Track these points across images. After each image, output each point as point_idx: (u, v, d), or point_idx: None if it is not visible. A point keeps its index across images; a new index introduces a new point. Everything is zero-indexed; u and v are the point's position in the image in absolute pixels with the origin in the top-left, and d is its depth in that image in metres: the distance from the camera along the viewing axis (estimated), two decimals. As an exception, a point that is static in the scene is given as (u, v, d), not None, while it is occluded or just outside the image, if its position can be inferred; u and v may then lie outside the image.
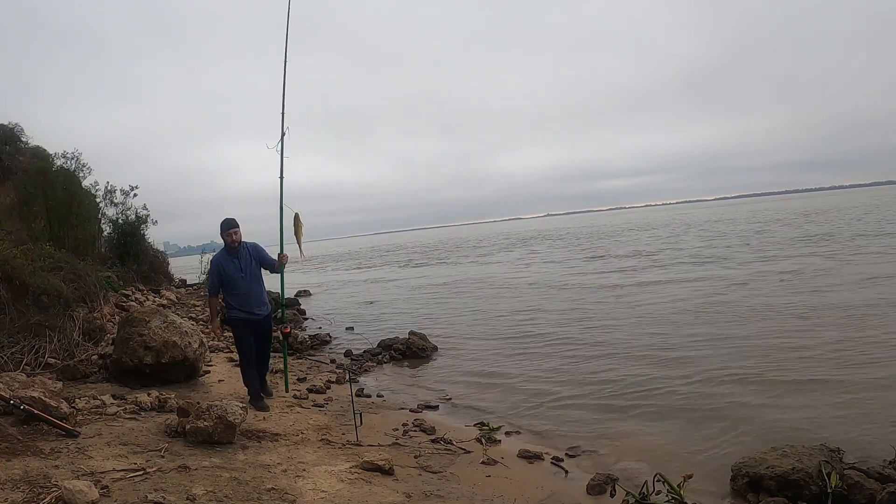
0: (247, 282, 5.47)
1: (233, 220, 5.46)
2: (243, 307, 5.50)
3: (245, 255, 5.49)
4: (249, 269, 5.50)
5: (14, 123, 17.38)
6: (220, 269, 5.46)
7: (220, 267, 5.47)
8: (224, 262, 5.47)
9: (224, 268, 5.45)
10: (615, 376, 6.92)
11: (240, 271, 5.44)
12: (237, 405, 4.38)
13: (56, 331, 6.32)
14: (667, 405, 5.79)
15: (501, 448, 4.95)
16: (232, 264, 5.44)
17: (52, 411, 4.04)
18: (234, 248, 5.43)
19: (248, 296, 5.50)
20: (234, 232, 5.43)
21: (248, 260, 5.50)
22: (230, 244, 5.43)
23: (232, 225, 5.44)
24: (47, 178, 12.93)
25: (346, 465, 4.04)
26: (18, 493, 2.97)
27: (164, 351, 5.83)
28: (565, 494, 3.99)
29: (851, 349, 7.01)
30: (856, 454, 4.21)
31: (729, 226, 39.87)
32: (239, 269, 5.44)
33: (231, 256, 5.46)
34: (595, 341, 8.90)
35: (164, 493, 3.13)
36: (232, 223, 5.44)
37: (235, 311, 5.52)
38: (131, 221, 16.70)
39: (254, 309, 5.55)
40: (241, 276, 5.43)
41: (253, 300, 5.53)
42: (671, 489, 3.66)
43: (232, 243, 5.42)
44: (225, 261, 5.47)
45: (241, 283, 5.44)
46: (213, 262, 5.64)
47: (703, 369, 6.82)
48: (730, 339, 8.17)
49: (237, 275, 5.43)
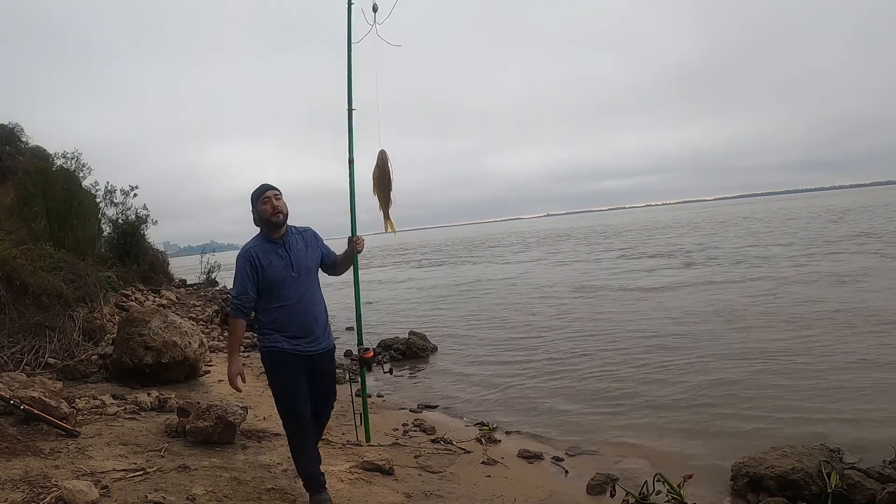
0: (300, 287, 3.18)
1: (267, 184, 3.25)
2: (290, 331, 3.16)
3: (298, 245, 3.24)
4: (304, 267, 3.22)
5: (14, 123, 17.41)
6: (254, 266, 3.13)
7: (253, 261, 3.14)
8: (261, 253, 3.16)
9: (260, 262, 3.13)
10: (615, 376, 6.92)
11: (289, 268, 3.16)
12: (237, 405, 4.38)
13: (56, 331, 6.33)
14: (667, 405, 5.79)
15: (501, 448, 4.95)
16: (275, 257, 3.16)
17: (52, 411, 4.04)
18: (277, 226, 3.16)
19: (302, 313, 3.17)
20: (275, 196, 3.17)
21: (303, 252, 3.24)
22: (270, 220, 3.15)
23: (268, 187, 3.22)
24: (47, 178, 12.94)
25: (346, 465, 4.04)
26: (18, 493, 2.97)
27: (164, 351, 5.83)
28: (565, 494, 3.99)
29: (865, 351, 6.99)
30: (856, 454, 4.21)
31: (762, 224, 38.92)
32: (288, 266, 3.16)
33: (272, 245, 3.18)
34: (596, 341, 8.91)
35: (164, 493, 3.13)
36: (267, 185, 3.23)
37: (275, 337, 3.17)
38: (131, 221, 16.73)
39: (308, 336, 3.18)
40: (290, 277, 3.16)
41: (308, 320, 3.19)
42: (671, 489, 3.66)
43: (273, 217, 3.14)
44: (262, 251, 3.16)
45: (291, 288, 3.16)
46: (240, 256, 3.21)
47: (703, 369, 6.82)
48: (731, 339, 8.17)
49: (283, 274, 3.15)
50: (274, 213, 3.16)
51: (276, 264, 3.16)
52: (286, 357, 3.16)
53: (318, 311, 3.25)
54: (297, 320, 3.17)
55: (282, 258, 3.17)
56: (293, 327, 3.16)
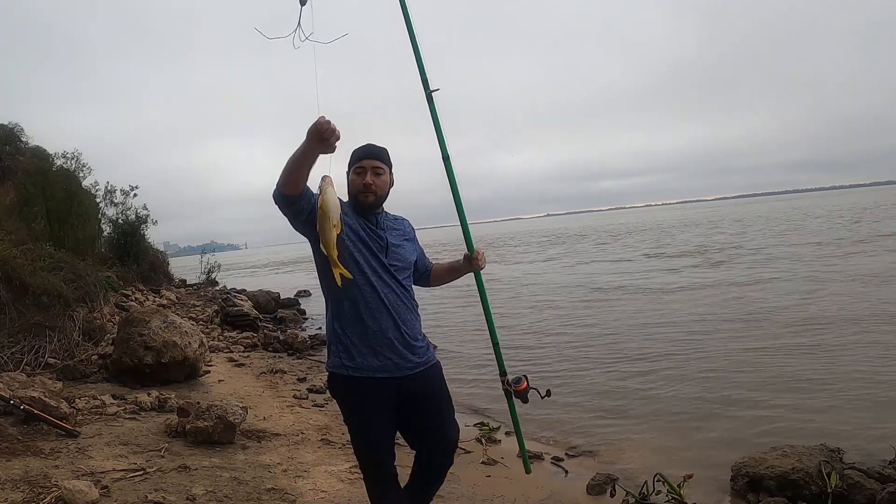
0: (388, 279, 2.35)
1: (373, 148, 2.39)
2: (372, 344, 2.30)
3: (394, 231, 2.47)
4: (397, 255, 2.41)
5: (14, 123, 17.43)
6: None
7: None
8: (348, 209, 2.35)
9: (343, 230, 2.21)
10: (615, 376, 6.92)
11: (381, 251, 2.36)
12: (237, 405, 4.39)
13: (56, 331, 6.33)
14: (667, 405, 5.79)
15: (501, 448, 4.95)
16: (365, 232, 2.35)
17: (52, 411, 4.04)
18: (364, 208, 2.37)
19: (387, 314, 2.31)
20: (373, 168, 2.35)
21: (398, 240, 2.46)
22: (357, 197, 2.37)
23: (371, 153, 2.38)
24: (47, 178, 12.94)
25: (346, 465, 4.04)
26: (18, 493, 2.97)
27: (164, 351, 5.83)
28: (565, 494, 3.99)
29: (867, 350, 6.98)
30: (856, 454, 4.21)
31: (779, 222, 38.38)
32: (381, 247, 2.36)
33: (362, 219, 2.37)
34: (596, 342, 8.91)
35: (164, 493, 3.14)
36: (372, 150, 2.39)
37: (350, 353, 2.31)
38: (131, 221, 16.74)
39: (398, 347, 2.32)
40: (377, 264, 2.33)
41: (396, 325, 2.33)
42: (671, 489, 3.66)
43: (361, 196, 2.35)
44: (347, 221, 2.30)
45: (377, 277, 2.32)
46: None
47: (703, 369, 6.82)
48: (731, 339, 8.17)
49: (365, 257, 2.32)
50: (364, 192, 2.34)
51: (362, 238, 2.32)
52: (363, 385, 2.31)
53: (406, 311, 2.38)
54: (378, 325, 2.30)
55: (370, 235, 2.35)
56: (376, 337, 2.29)
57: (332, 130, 1.94)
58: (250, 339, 10.30)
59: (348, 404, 2.40)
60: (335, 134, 1.96)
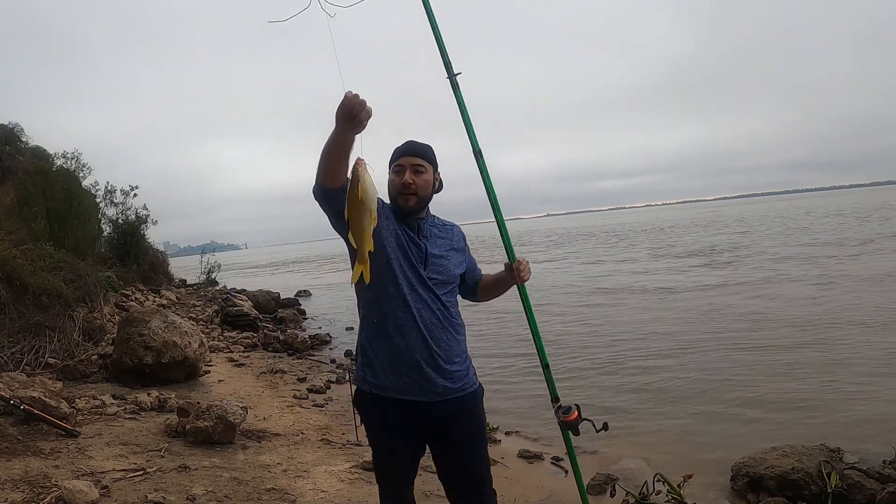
0: (424, 293, 2.08)
1: (414, 144, 2.16)
2: (396, 363, 2.05)
3: (439, 240, 2.19)
4: (438, 268, 2.13)
5: (14, 123, 17.43)
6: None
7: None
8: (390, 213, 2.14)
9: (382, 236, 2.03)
10: (615, 376, 6.92)
11: (420, 262, 2.09)
12: (237, 405, 4.39)
13: (56, 331, 6.33)
14: (667, 405, 5.79)
15: (501, 448, 4.95)
16: (404, 239, 2.09)
17: (52, 411, 4.04)
18: (404, 213, 2.11)
19: (417, 332, 2.04)
20: (413, 166, 2.10)
21: (442, 250, 2.17)
22: (397, 199, 2.11)
23: (411, 149, 2.14)
24: (47, 178, 12.94)
25: (346, 465, 4.04)
26: (18, 493, 2.97)
27: (164, 351, 5.83)
28: (565, 494, 3.98)
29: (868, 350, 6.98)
30: (856, 454, 4.21)
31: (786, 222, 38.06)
32: (420, 258, 2.09)
33: (402, 225, 2.12)
34: (597, 341, 8.91)
35: (164, 493, 3.14)
36: (412, 146, 2.15)
37: (373, 368, 2.10)
38: (131, 221, 16.74)
39: (425, 369, 2.04)
40: (414, 276, 2.08)
41: (426, 345, 2.05)
42: (671, 489, 3.66)
43: (400, 197, 2.10)
44: (387, 224, 2.09)
45: (411, 290, 2.06)
46: None
47: (704, 369, 6.82)
48: (732, 339, 8.17)
49: (402, 268, 2.07)
50: (403, 193, 2.08)
51: (402, 245, 2.08)
52: (385, 405, 2.08)
53: (441, 329, 2.10)
54: (409, 344, 2.04)
55: (412, 243, 2.10)
56: (404, 357, 2.04)
57: (362, 104, 1.72)
58: (250, 339, 10.31)
59: (368, 423, 2.17)
60: (365, 108, 1.72)
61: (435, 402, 2.07)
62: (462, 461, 2.17)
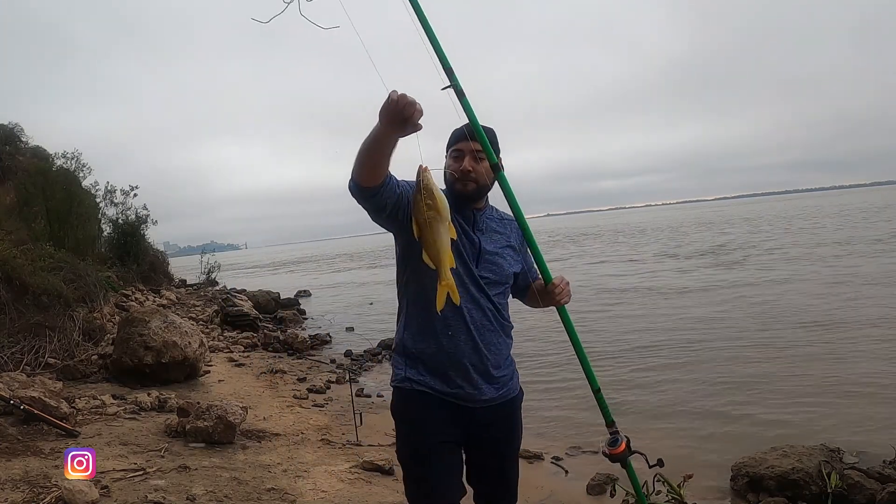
0: (476, 292, 1.95)
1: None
2: (443, 367, 1.92)
3: (495, 235, 2.06)
4: (492, 266, 2.00)
5: (14, 123, 17.44)
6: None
7: None
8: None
9: None
10: (614, 376, 6.92)
11: (473, 258, 1.96)
12: (237, 405, 4.39)
13: (56, 331, 6.33)
14: (667, 405, 5.79)
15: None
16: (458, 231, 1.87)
17: (52, 411, 4.04)
18: (461, 199, 1.96)
19: (467, 335, 1.92)
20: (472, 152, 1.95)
21: (497, 247, 2.03)
22: (454, 186, 1.96)
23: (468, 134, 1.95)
24: (47, 178, 12.94)
25: (346, 465, 4.04)
26: (18, 493, 2.97)
27: (165, 351, 5.83)
28: (565, 494, 3.99)
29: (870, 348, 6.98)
30: (856, 454, 4.21)
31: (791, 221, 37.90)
32: (473, 254, 1.96)
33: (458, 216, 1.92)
34: (598, 341, 8.91)
35: (164, 493, 3.14)
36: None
37: (417, 368, 1.96)
38: (131, 221, 16.74)
39: (473, 376, 1.93)
40: (466, 273, 1.93)
41: (475, 349, 1.93)
42: (671, 489, 3.65)
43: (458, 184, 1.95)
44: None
45: (462, 289, 1.88)
46: None
47: (704, 369, 6.82)
48: (734, 339, 8.17)
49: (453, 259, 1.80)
50: (461, 178, 1.94)
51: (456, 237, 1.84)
52: (424, 401, 1.94)
53: (491, 332, 1.98)
54: (454, 344, 1.92)
55: (466, 235, 1.96)
56: (450, 358, 1.92)
57: (412, 104, 1.54)
58: (250, 339, 10.31)
59: (406, 425, 1.98)
60: (416, 107, 1.55)
61: (478, 409, 1.97)
62: (500, 466, 2.08)
